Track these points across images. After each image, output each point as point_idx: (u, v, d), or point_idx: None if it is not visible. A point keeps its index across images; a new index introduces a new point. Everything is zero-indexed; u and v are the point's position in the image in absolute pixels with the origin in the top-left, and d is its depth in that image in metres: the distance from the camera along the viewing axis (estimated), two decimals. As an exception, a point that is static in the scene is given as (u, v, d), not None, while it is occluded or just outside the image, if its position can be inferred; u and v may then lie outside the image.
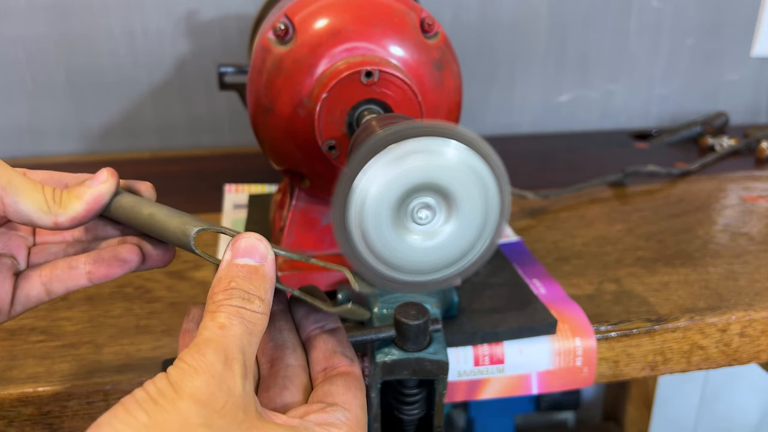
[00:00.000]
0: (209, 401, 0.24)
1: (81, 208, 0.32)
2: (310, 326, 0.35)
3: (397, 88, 0.40)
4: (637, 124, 1.05)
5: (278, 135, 0.44)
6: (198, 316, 0.35)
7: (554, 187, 0.74)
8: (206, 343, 0.26)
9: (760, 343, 0.51)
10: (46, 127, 0.89)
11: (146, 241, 0.36)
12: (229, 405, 0.25)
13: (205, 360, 0.25)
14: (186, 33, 0.87)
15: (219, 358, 0.25)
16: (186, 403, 0.24)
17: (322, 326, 0.35)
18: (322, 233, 0.49)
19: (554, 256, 0.60)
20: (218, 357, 0.25)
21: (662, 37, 1.01)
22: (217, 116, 0.92)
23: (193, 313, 0.35)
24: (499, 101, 1.00)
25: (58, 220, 0.32)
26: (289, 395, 0.30)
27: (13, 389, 0.42)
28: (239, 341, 0.27)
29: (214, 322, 0.27)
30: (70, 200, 0.32)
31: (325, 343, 0.33)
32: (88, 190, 0.33)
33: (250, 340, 0.27)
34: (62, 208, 0.32)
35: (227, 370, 0.25)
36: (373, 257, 0.30)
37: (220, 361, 0.25)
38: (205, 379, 0.25)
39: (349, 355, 0.33)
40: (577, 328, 0.48)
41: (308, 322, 0.35)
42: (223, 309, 0.28)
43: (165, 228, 0.33)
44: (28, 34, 0.83)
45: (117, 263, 0.35)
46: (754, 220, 0.68)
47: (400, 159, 0.28)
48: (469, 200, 0.29)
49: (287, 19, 0.42)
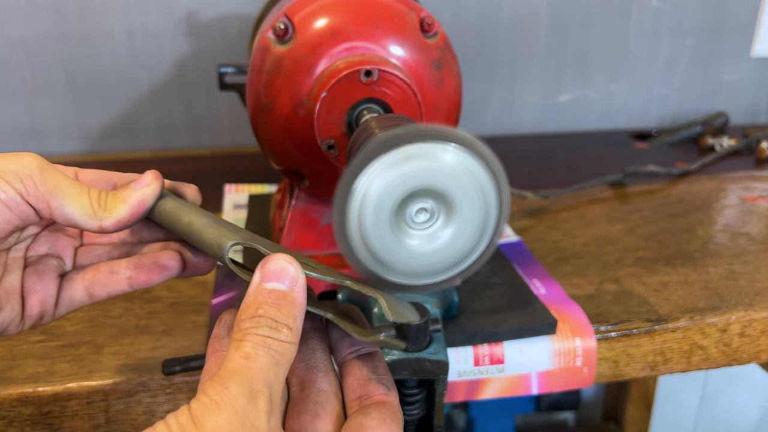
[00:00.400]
0: None
1: (126, 212, 0.32)
2: (345, 350, 0.33)
3: (397, 87, 0.40)
4: (637, 124, 1.05)
5: (278, 134, 0.44)
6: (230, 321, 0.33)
7: (554, 187, 0.74)
8: (230, 376, 0.25)
9: (760, 343, 0.51)
10: (46, 127, 0.89)
11: (187, 248, 0.36)
12: None
13: (229, 394, 0.24)
14: (186, 33, 0.87)
15: (243, 392, 0.24)
16: None
17: (357, 350, 0.32)
18: (321, 233, 0.49)
19: (554, 256, 0.60)
20: (242, 391, 0.24)
21: (662, 37, 1.01)
22: (217, 116, 0.92)
23: (225, 318, 0.33)
24: (499, 101, 1.00)
25: (103, 224, 0.32)
26: (322, 424, 0.29)
27: (13, 389, 0.42)
28: (265, 373, 0.25)
29: (240, 352, 0.26)
30: (115, 204, 0.32)
31: (360, 369, 0.31)
32: (133, 193, 0.33)
33: (277, 371, 0.26)
34: (107, 212, 0.32)
35: (251, 405, 0.24)
36: (372, 260, 0.30)
37: (244, 395, 0.24)
38: (228, 416, 0.24)
39: (386, 383, 0.31)
40: (577, 328, 0.48)
41: (343, 346, 0.33)
42: (249, 338, 0.26)
43: (202, 238, 0.32)
44: (28, 34, 0.83)
45: (157, 270, 0.35)
46: (754, 220, 0.68)
47: (400, 163, 0.28)
48: (468, 204, 0.29)
49: (287, 19, 0.42)
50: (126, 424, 0.44)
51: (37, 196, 0.30)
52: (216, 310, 0.50)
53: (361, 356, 0.32)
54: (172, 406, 0.44)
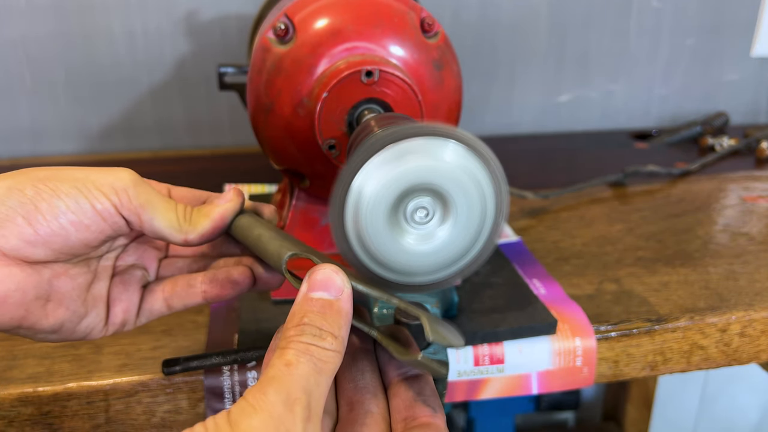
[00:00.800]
0: None
1: (209, 226, 0.34)
2: (392, 372, 0.33)
3: (397, 87, 0.40)
4: (637, 124, 1.05)
5: (278, 134, 0.44)
6: None
7: (554, 187, 0.74)
8: (269, 382, 0.25)
9: (760, 343, 0.51)
10: (46, 127, 0.89)
11: (258, 264, 0.37)
12: None
13: (266, 400, 0.25)
14: (186, 33, 0.87)
15: (280, 398, 0.25)
16: None
17: (404, 372, 0.33)
18: (321, 233, 0.49)
19: (554, 256, 0.60)
20: (279, 397, 0.25)
21: (662, 37, 1.01)
22: (217, 116, 0.92)
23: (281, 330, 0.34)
24: (499, 101, 1.00)
25: (188, 237, 0.34)
26: None
27: (13, 389, 0.42)
28: (305, 381, 0.26)
29: (282, 359, 0.26)
30: (199, 219, 0.34)
31: (407, 390, 0.31)
32: (215, 208, 0.35)
33: (319, 379, 0.26)
34: (192, 225, 0.34)
35: (288, 411, 0.25)
36: (368, 257, 0.30)
37: (281, 401, 0.25)
38: (263, 419, 0.24)
39: (432, 405, 0.31)
40: (577, 328, 0.48)
41: (391, 367, 0.33)
42: (293, 346, 0.27)
43: (266, 250, 0.33)
44: (28, 34, 0.83)
45: (229, 285, 0.36)
46: (754, 220, 0.68)
47: (397, 159, 0.28)
48: (466, 202, 0.29)
49: (287, 19, 0.42)
50: (126, 424, 0.44)
51: (130, 209, 0.32)
52: (216, 310, 0.50)
53: (408, 378, 0.32)
54: (172, 406, 0.44)
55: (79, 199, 0.31)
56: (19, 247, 0.30)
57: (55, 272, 0.32)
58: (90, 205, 0.31)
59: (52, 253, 0.31)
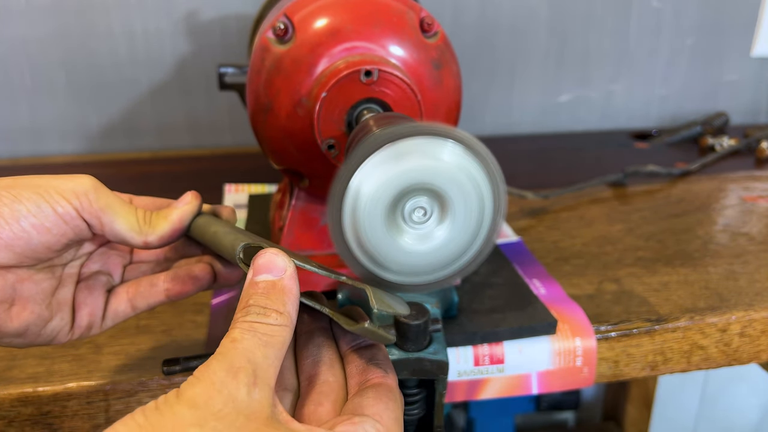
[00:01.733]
0: (206, 405, 0.25)
1: (167, 227, 0.36)
2: (347, 344, 0.34)
3: (397, 87, 0.40)
4: (637, 124, 1.05)
5: (277, 134, 0.44)
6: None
7: (554, 187, 0.74)
8: (215, 357, 0.27)
9: (760, 343, 0.51)
10: (46, 127, 0.89)
11: (218, 261, 0.39)
12: (227, 409, 0.25)
13: (208, 370, 0.26)
14: (186, 33, 0.87)
15: (222, 367, 0.26)
16: (182, 407, 0.25)
17: (358, 344, 0.34)
18: (321, 233, 0.49)
19: (554, 256, 0.60)
20: (221, 366, 0.26)
21: (662, 37, 1.01)
22: (217, 116, 0.92)
23: None
24: (499, 101, 1.00)
25: (147, 239, 0.35)
26: (324, 411, 0.30)
27: (13, 389, 0.42)
28: (249, 353, 0.27)
29: (228, 338, 0.28)
30: (158, 221, 0.36)
31: (360, 356, 0.33)
32: (174, 211, 0.36)
33: (266, 351, 0.27)
34: (151, 228, 0.35)
35: (231, 378, 0.26)
36: (368, 258, 0.30)
37: (223, 369, 0.26)
38: (205, 386, 0.25)
39: (384, 367, 0.33)
40: (577, 328, 0.48)
41: (345, 340, 0.35)
42: (238, 325, 0.28)
43: (222, 244, 0.34)
44: (28, 34, 0.83)
45: (190, 281, 0.38)
46: (754, 220, 0.68)
47: (395, 159, 0.28)
48: (463, 202, 0.29)
49: (287, 19, 0.42)
50: (126, 424, 0.43)
51: (91, 212, 0.33)
52: (216, 310, 0.50)
53: (361, 347, 0.34)
54: (172, 406, 0.44)
55: (41, 203, 0.32)
56: None
57: (19, 277, 0.33)
58: (51, 209, 0.32)
59: (15, 257, 0.32)
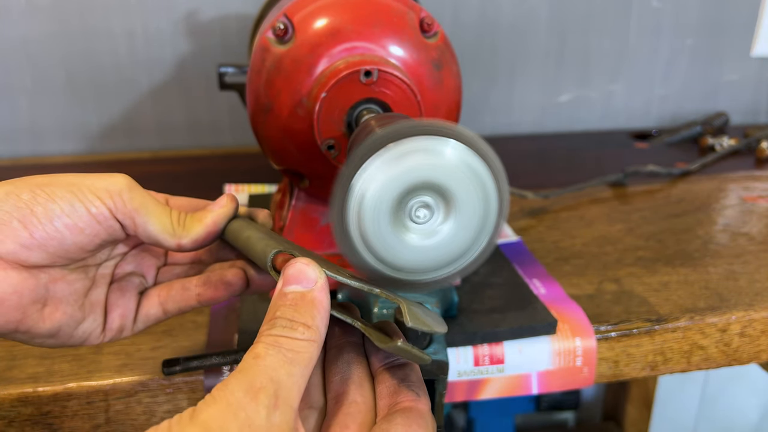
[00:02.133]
0: (220, 428, 0.24)
1: (202, 231, 0.35)
2: (379, 362, 0.33)
3: (397, 87, 0.40)
4: (637, 124, 1.05)
5: (277, 134, 0.44)
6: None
7: (554, 187, 0.74)
8: (234, 375, 0.26)
9: (760, 343, 0.51)
10: (46, 127, 0.89)
11: (251, 266, 0.38)
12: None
13: (226, 389, 0.25)
14: (186, 33, 0.87)
15: (240, 387, 0.25)
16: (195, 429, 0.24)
17: (391, 362, 0.33)
18: (321, 233, 0.49)
19: (554, 256, 0.60)
20: (240, 385, 0.25)
21: (662, 37, 1.01)
22: (217, 116, 0.92)
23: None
24: (499, 101, 1.00)
25: (181, 242, 0.34)
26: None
27: (13, 389, 0.42)
28: (272, 371, 0.26)
29: (251, 353, 0.26)
30: (192, 224, 0.35)
31: (392, 377, 0.32)
32: (208, 214, 0.35)
33: (291, 369, 0.26)
34: (186, 230, 0.34)
35: (249, 399, 0.25)
36: (372, 256, 0.30)
37: (242, 389, 0.25)
38: (221, 408, 0.24)
39: (416, 390, 0.31)
40: (577, 328, 0.48)
41: (378, 357, 0.33)
42: (262, 339, 0.27)
43: (254, 250, 0.33)
44: (28, 34, 0.83)
45: (223, 286, 0.37)
46: (754, 220, 0.68)
47: (399, 158, 0.28)
48: (467, 200, 0.29)
49: (287, 19, 0.42)
50: (126, 424, 0.43)
51: (125, 213, 0.32)
52: (216, 310, 0.50)
53: (393, 366, 0.32)
54: (172, 406, 0.44)
55: (74, 202, 0.31)
56: (15, 251, 0.30)
57: (52, 277, 0.32)
58: (85, 209, 0.31)
59: (48, 257, 0.31)
